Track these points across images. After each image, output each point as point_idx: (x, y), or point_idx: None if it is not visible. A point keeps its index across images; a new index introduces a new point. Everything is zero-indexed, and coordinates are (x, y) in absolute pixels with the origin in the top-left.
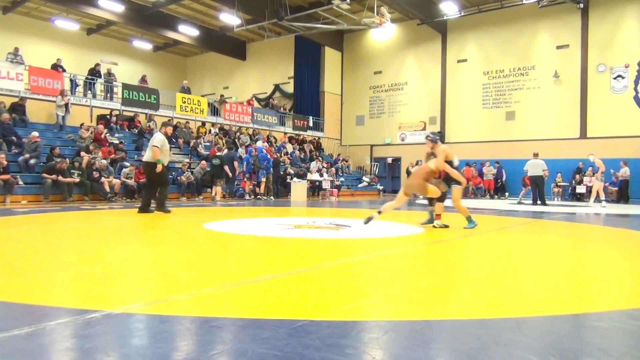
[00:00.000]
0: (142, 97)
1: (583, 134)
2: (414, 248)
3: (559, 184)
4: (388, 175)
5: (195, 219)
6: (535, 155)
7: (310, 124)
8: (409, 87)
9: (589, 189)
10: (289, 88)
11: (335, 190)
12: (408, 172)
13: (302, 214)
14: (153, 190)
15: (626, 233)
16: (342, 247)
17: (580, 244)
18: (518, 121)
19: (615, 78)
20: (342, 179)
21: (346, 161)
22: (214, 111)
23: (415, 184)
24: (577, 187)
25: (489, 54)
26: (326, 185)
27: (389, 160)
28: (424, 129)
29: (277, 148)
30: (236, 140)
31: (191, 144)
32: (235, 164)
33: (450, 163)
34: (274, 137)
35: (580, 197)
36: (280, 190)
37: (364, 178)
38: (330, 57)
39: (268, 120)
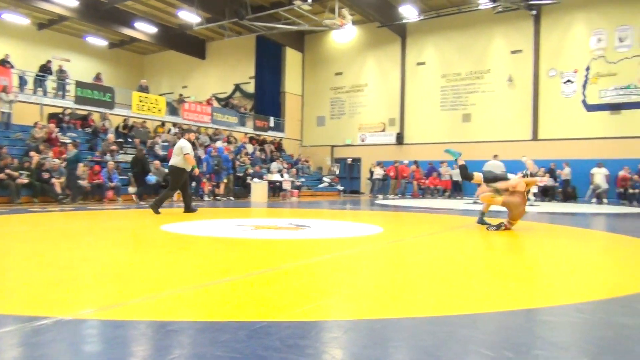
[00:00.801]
0: (96, 96)
1: (535, 136)
2: (374, 248)
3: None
4: (348, 176)
5: (152, 220)
6: (495, 156)
7: (271, 125)
8: (369, 88)
9: (541, 189)
10: (250, 88)
11: (295, 190)
12: (371, 173)
13: (263, 214)
14: (187, 190)
15: (570, 230)
16: (302, 248)
17: (530, 241)
18: (474, 123)
19: (565, 82)
20: (303, 179)
21: (307, 162)
22: (172, 110)
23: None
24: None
25: (446, 58)
26: (287, 185)
27: (349, 160)
28: (384, 130)
29: (237, 148)
30: (195, 140)
31: (148, 144)
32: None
33: None
34: (234, 138)
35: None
36: (240, 191)
37: (324, 179)
38: (292, 58)
39: (228, 121)
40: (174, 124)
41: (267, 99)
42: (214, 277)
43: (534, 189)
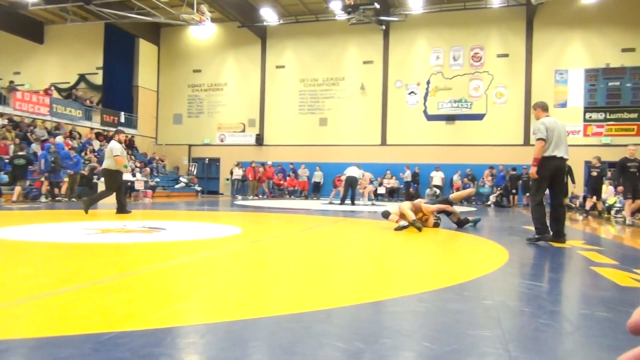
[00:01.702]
0: None
1: (384, 141)
2: (232, 249)
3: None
4: (206, 176)
5: None
6: (357, 165)
7: (122, 120)
8: (229, 88)
9: (389, 190)
10: (97, 79)
11: (149, 191)
12: (232, 173)
13: (111, 217)
14: (121, 192)
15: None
16: (156, 251)
17: (378, 237)
18: (330, 127)
19: (409, 94)
20: (158, 179)
21: (162, 161)
22: (1, 99)
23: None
24: (378, 188)
25: (305, 63)
26: (139, 186)
27: (206, 160)
28: (243, 130)
29: (81, 145)
30: (28, 134)
31: None
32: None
33: None
34: (79, 133)
35: (380, 198)
36: (85, 191)
37: (181, 179)
38: (146, 51)
39: (71, 114)
40: (1, 115)
41: (117, 93)
42: (51, 287)
43: (382, 191)
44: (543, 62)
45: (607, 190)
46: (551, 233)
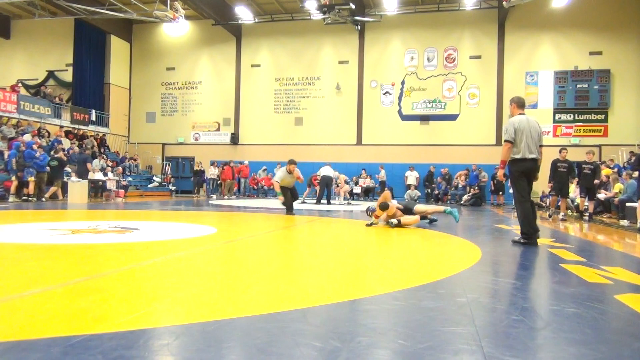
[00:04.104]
0: None
1: (359, 141)
2: (206, 249)
3: (338, 184)
4: (180, 175)
5: None
6: (329, 165)
7: (93, 118)
8: (204, 86)
9: (364, 189)
10: (67, 76)
11: (121, 190)
12: (203, 171)
13: (82, 217)
14: (292, 199)
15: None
16: (129, 252)
17: (354, 237)
18: (305, 126)
19: (384, 94)
20: (130, 178)
21: (134, 160)
22: None
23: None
24: (354, 188)
25: (280, 62)
26: (111, 185)
27: (180, 160)
28: (218, 129)
29: (50, 143)
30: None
31: None
32: (89, 165)
33: None
34: (47, 131)
35: (356, 197)
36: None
37: (154, 178)
38: (117, 47)
39: (39, 111)
40: None
41: (87, 90)
42: (18, 289)
43: (357, 190)
44: (514, 64)
45: (574, 190)
46: (537, 237)
